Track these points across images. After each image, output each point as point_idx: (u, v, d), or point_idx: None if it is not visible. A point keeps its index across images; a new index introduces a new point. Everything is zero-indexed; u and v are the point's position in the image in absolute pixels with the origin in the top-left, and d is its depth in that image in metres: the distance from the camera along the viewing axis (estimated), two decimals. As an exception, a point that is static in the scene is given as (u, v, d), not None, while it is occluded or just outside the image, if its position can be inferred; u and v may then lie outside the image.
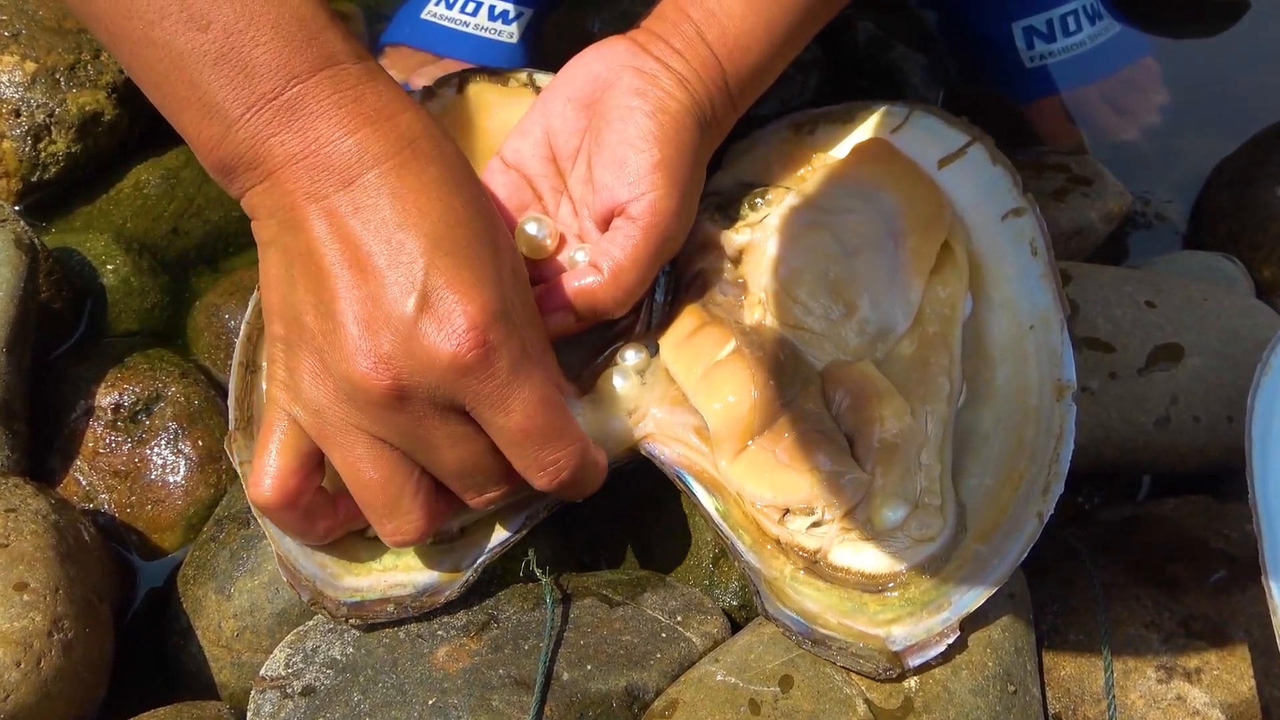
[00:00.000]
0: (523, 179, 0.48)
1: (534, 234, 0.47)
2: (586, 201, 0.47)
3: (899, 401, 0.46)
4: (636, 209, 0.44)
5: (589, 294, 0.44)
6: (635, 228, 0.44)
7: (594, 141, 0.46)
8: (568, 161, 0.48)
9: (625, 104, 0.45)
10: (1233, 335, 0.54)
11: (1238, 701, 0.44)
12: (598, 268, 0.44)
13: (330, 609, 0.43)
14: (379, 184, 0.36)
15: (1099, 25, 0.69)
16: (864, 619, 0.42)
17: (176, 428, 0.54)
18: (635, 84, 0.45)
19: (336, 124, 0.36)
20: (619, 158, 0.44)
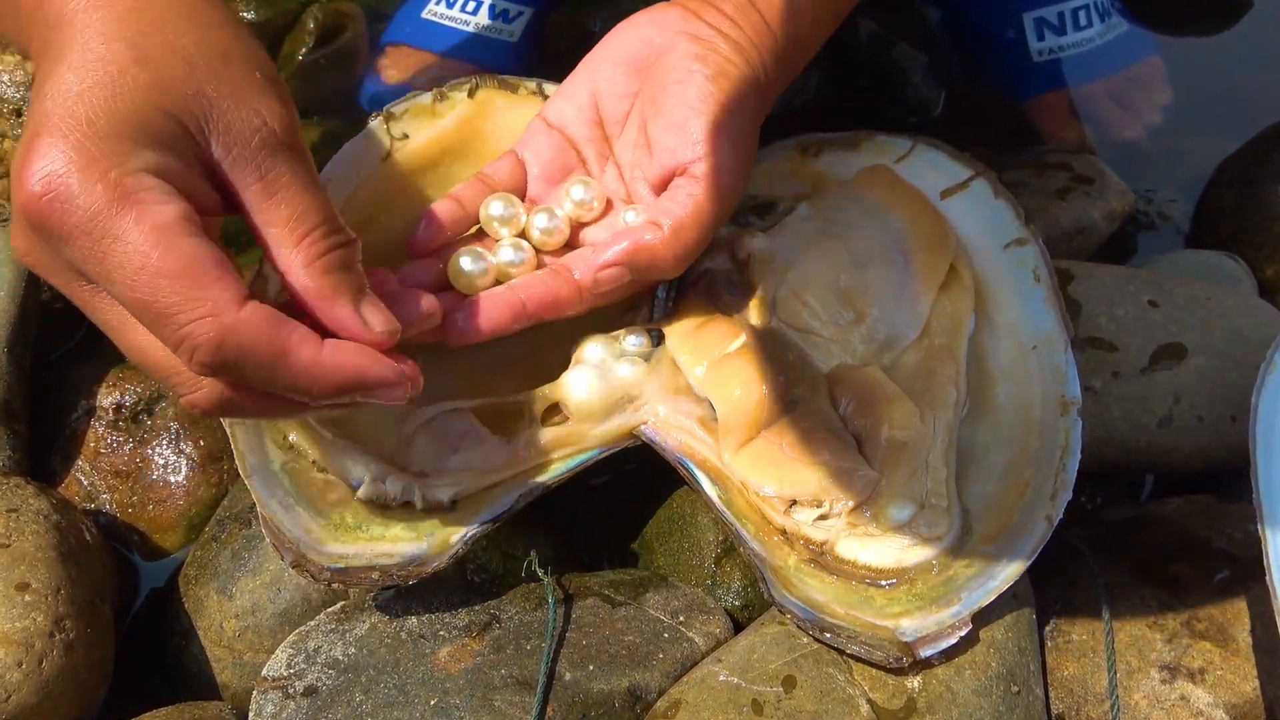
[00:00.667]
0: (566, 141, 0.48)
1: (581, 196, 0.47)
2: (639, 164, 0.47)
3: (908, 405, 0.46)
4: (699, 169, 0.44)
5: (648, 250, 0.44)
6: (698, 186, 0.44)
7: (649, 105, 0.46)
8: (615, 126, 0.48)
9: (684, 67, 0.45)
10: (1236, 334, 0.53)
11: (1241, 702, 0.44)
12: (657, 225, 0.44)
13: (313, 573, 0.43)
14: None
15: (1108, 22, 0.69)
16: (872, 611, 0.43)
17: (178, 428, 0.54)
18: (693, 49, 0.45)
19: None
20: (679, 120, 0.45)
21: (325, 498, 0.45)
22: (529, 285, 0.45)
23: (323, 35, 0.70)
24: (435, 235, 0.46)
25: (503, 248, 0.47)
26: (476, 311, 0.44)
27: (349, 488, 0.45)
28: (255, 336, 0.32)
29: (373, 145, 0.52)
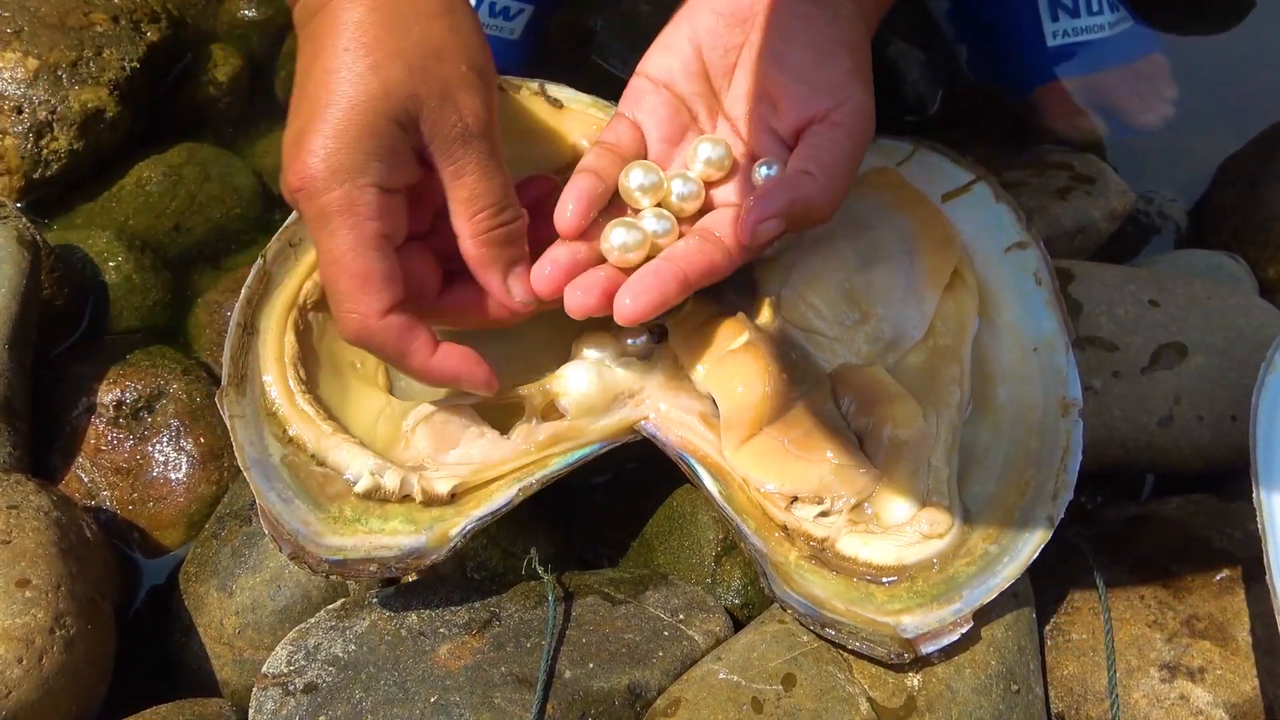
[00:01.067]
0: (676, 98, 0.47)
1: (710, 155, 0.46)
2: (761, 116, 0.46)
3: (911, 404, 0.46)
4: (840, 115, 0.44)
5: (805, 199, 0.43)
6: (842, 132, 0.44)
7: (764, 54, 0.45)
8: (722, 79, 0.47)
9: (800, 12, 0.45)
10: (1237, 334, 0.53)
11: (1241, 701, 0.44)
12: (809, 173, 0.43)
13: (311, 565, 0.43)
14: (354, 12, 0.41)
15: (1118, 14, 0.69)
16: (872, 608, 0.43)
17: (178, 425, 0.54)
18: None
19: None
20: (807, 65, 0.44)
21: (324, 490, 0.45)
22: (687, 254, 0.44)
23: (324, 33, 0.70)
24: (586, 213, 0.45)
25: (645, 217, 0.45)
26: (642, 289, 0.43)
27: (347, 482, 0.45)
28: (384, 339, 0.42)
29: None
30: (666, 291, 0.43)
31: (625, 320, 0.43)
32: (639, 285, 0.43)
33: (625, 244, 0.44)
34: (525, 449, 0.47)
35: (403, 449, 0.47)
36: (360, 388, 0.49)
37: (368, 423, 0.48)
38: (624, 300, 0.43)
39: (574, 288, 0.43)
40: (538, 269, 0.44)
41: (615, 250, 0.44)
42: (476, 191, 0.43)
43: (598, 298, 0.43)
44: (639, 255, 0.44)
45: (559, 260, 0.44)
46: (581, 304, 0.43)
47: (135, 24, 0.65)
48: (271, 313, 0.49)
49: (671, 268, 0.43)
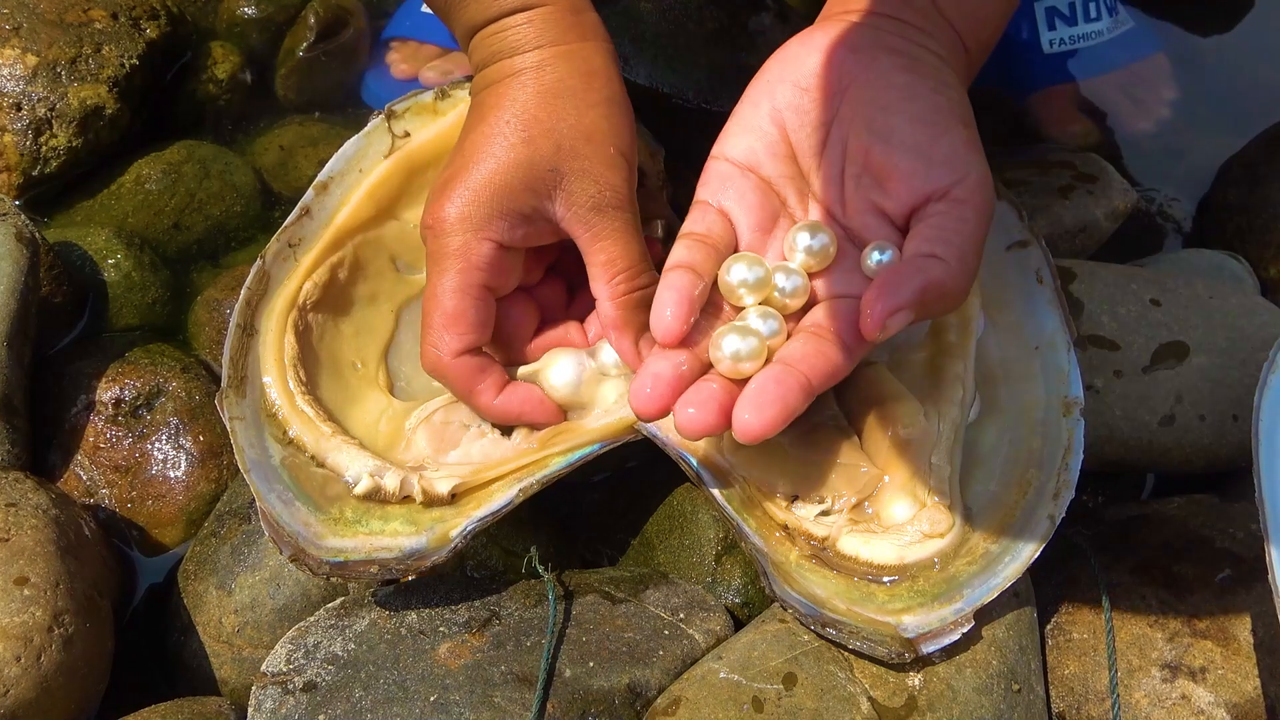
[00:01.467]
0: (763, 183, 0.44)
1: (811, 243, 0.42)
2: (864, 196, 0.42)
3: (913, 403, 0.46)
4: (963, 190, 0.40)
5: (938, 285, 0.39)
6: (968, 209, 0.40)
7: (865, 129, 0.42)
8: (810, 159, 0.44)
9: (900, 83, 0.42)
10: (1239, 333, 0.53)
11: (1243, 701, 0.44)
12: (938, 257, 0.39)
13: (312, 567, 0.43)
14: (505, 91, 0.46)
15: (1117, 18, 0.69)
16: (873, 607, 0.43)
17: (177, 423, 0.54)
18: (898, 62, 0.42)
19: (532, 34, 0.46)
20: (919, 140, 0.41)
21: (324, 492, 0.45)
22: (805, 358, 0.39)
23: (323, 31, 0.70)
24: (687, 317, 0.40)
25: (751, 318, 0.41)
26: (765, 402, 0.38)
27: (346, 483, 0.45)
28: (455, 376, 0.46)
29: (375, 143, 0.52)
30: (791, 403, 0.38)
31: (746, 439, 0.38)
32: (761, 398, 0.38)
33: (739, 353, 0.39)
34: (525, 449, 0.47)
35: (403, 450, 0.47)
36: (361, 389, 0.49)
37: (368, 424, 0.48)
38: (744, 415, 0.38)
39: (685, 404, 0.39)
40: (637, 387, 0.39)
41: (727, 360, 0.39)
42: (613, 256, 0.45)
43: (715, 415, 0.38)
44: (755, 365, 0.39)
45: (662, 376, 0.39)
46: (698, 424, 0.38)
47: (134, 21, 0.65)
48: (271, 314, 0.49)
49: (793, 375, 0.39)
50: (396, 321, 0.51)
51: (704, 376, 0.40)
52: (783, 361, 0.40)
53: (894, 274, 0.40)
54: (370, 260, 0.51)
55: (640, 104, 0.54)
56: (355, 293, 0.51)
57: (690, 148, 0.65)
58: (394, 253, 0.52)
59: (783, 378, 0.39)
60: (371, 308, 0.51)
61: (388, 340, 0.51)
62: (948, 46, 0.44)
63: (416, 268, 0.52)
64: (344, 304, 0.50)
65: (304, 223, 0.50)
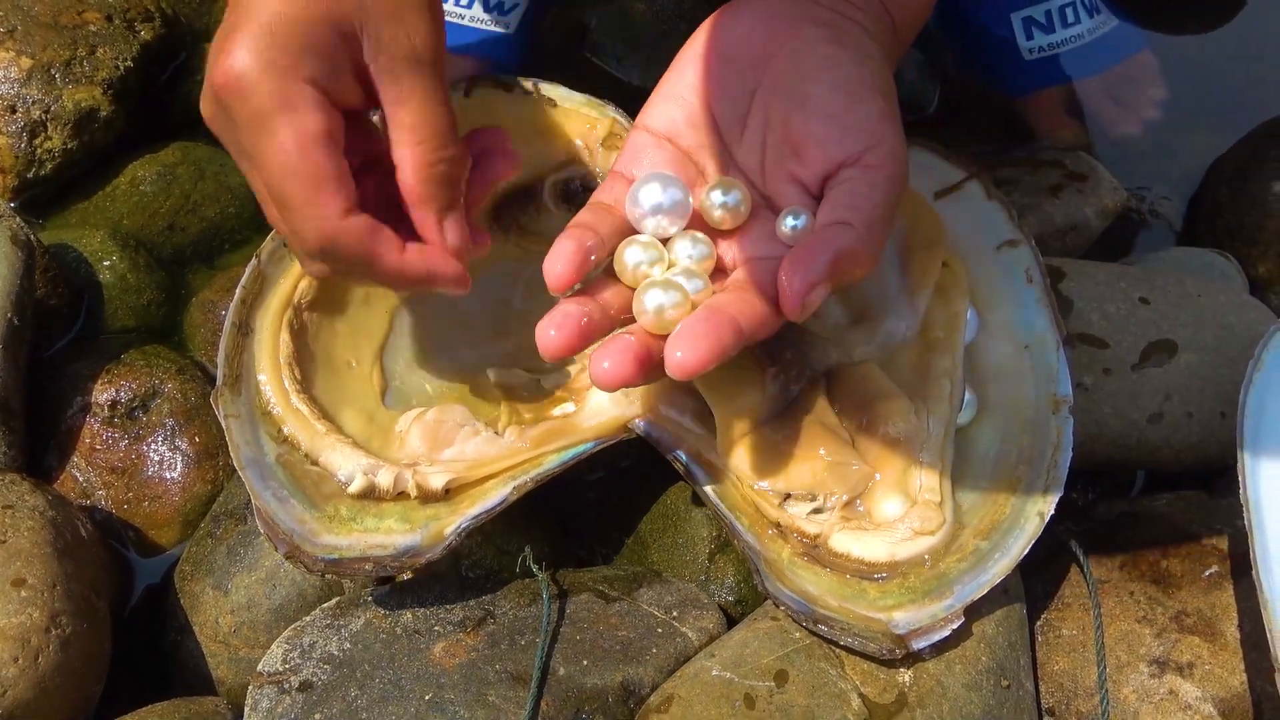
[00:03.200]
0: (680, 153, 0.43)
1: (729, 201, 0.41)
2: (782, 164, 0.42)
3: (903, 402, 0.46)
4: (874, 157, 0.40)
5: (850, 254, 0.38)
6: (880, 175, 0.40)
7: (784, 98, 0.41)
8: (734, 127, 0.42)
9: (822, 53, 0.41)
10: (1227, 331, 0.54)
11: (1229, 696, 0.44)
12: (848, 224, 0.39)
13: (307, 564, 0.43)
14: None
15: (1097, 19, 0.69)
16: (865, 604, 0.43)
17: (173, 424, 0.55)
18: (822, 33, 0.42)
19: None
20: (835, 108, 0.40)
21: (319, 490, 0.45)
22: (733, 303, 0.38)
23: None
24: (580, 265, 0.39)
25: (676, 276, 0.40)
26: (697, 335, 0.37)
27: (340, 483, 0.46)
28: (351, 242, 0.38)
29: (369, 143, 0.52)
30: (724, 339, 0.37)
31: (681, 373, 0.37)
32: (693, 332, 0.37)
33: (661, 306, 0.38)
34: (519, 447, 0.47)
35: (397, 449, 0.48)
36: (355, 387, 0.50)
37: (362, 422, 0.48)
38: (675, 353, 0.37)
39: (600, 358, 0.37)
40: (541, 329, 0.38)
41: (650, 313, 0.38)
42: (422, 119, 0.39)
43: (631, 366, 0.37)
44: (679, 314, 0.38)
45: (569, 315, 0.38)
46: (614, 375, 0.37)
47: (129, 23, 0.65)
48: (266, 312, 0.49)
49: (723, 315, 0.38)
50: (390, 322, 0.51)
51: (620, 330, 0.39)
52: (711, 307, 0.38)
53: (805, 249, 0.39)
54: (365, 261, 0.51)
55: (633, 104, 0.54)
56: (350, 293, 0.51)
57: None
58: (388, 254, 0.52)
59: (712, 317, 0.38)
60: (366, 308, 0.51)
61: (382, 340, 0.51)
62: (875, 20, 0.43)
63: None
64: (339, 303, 0.51)
65: (298, 224, 0.51)
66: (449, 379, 0.51)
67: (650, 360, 0.38)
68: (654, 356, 0.38)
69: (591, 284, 0.40)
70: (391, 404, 0.50)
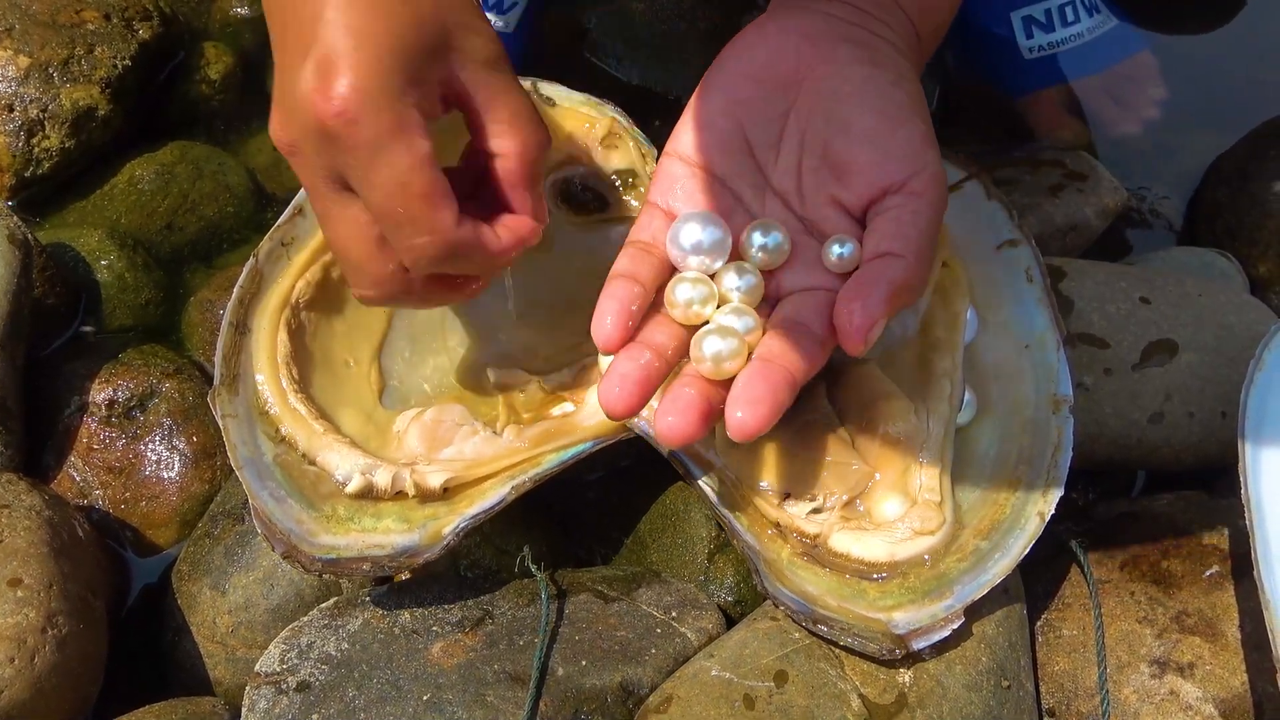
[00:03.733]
0: (714, 179, 0.42)
1: (768, 243, 0.40)
2: (821, 189, 0.41)
3: (903, 402, 0.46)
4: (919, 183, 0.40)
5: (904, 286, 0.39)
6: (923, 202, 0.40)
7: (821, 121, 0.41)
8: (768, 151, 0.42)
9: (859, 74, 0.41)
10: (1227, 331, 0.54)
11: (1230, 696, 0.44)
12: (895, 254, 0.39)
13: (304, 564, 0.43)
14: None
15: (1097, 18, 0.69)
16: (864, 604, 0.43)
17: (171, 424, 0.54)
18: (857, 53, 0.41)
19: None
20: (878, 132, 0.40)
21: (317, 489, 0.45)
22: (785, 353, 0.39)
23: (316, 31, 0.70)
24: (625, 324, 0.39)
25: (726, 316, 0.40)
26: (755, 398, 0.37)
27: (337, 483, 0.45)
28: (469, 243, 0.40)
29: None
30: (780, 397, 0.37)
31: (742, 436, 0.37)
32: (751, 394, 0.37)
33: (720, 354, 0.38)
34: (518, 447, 0.47)
35: (395, 448, 0.47)
36: (353, 386, 0.50)
37: (360, 421, 0.48)
38: (736, 414, 0.37)
39: (666, 412, 0.38)
40: (606, 389, 0.38)
41: (708, 361, 0.38)
42: (514, 111, 0.41)
43: (697, 423, 0.38)
44: (737, 364, 0.38)
45: (629, 375, 0.38)
46: (681, 431, 0.37)
47: (127, 22, 0.65)
48: (264, 312, 0.49)
49: (777, 370, 0.38)
50: (389, 321, 0.51)
51: (679, 380, 0.39)
52: (764, 359, 0.39)
53: (861, 283, 0.39)
54: (363, 260, 0.51)
55: (633, 104, 0.54)
56: (348, 292, 0.51)
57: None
58: (386, 253, 0.52)
59: (768, 373, 0.38)
60: (363, 307, 0.51)
61: (380, 340, 0.51)
62: (903, 36, 0.43)
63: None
64: (337, 303, 0.51)
65: (297, 221, 0.51)
66: (447, 378, 0.51)
67: (713, 412, 0.38)
68: (715, 406, 0.38)
69: (641, 326, 0.40)
70: (389, 404, 0.50)
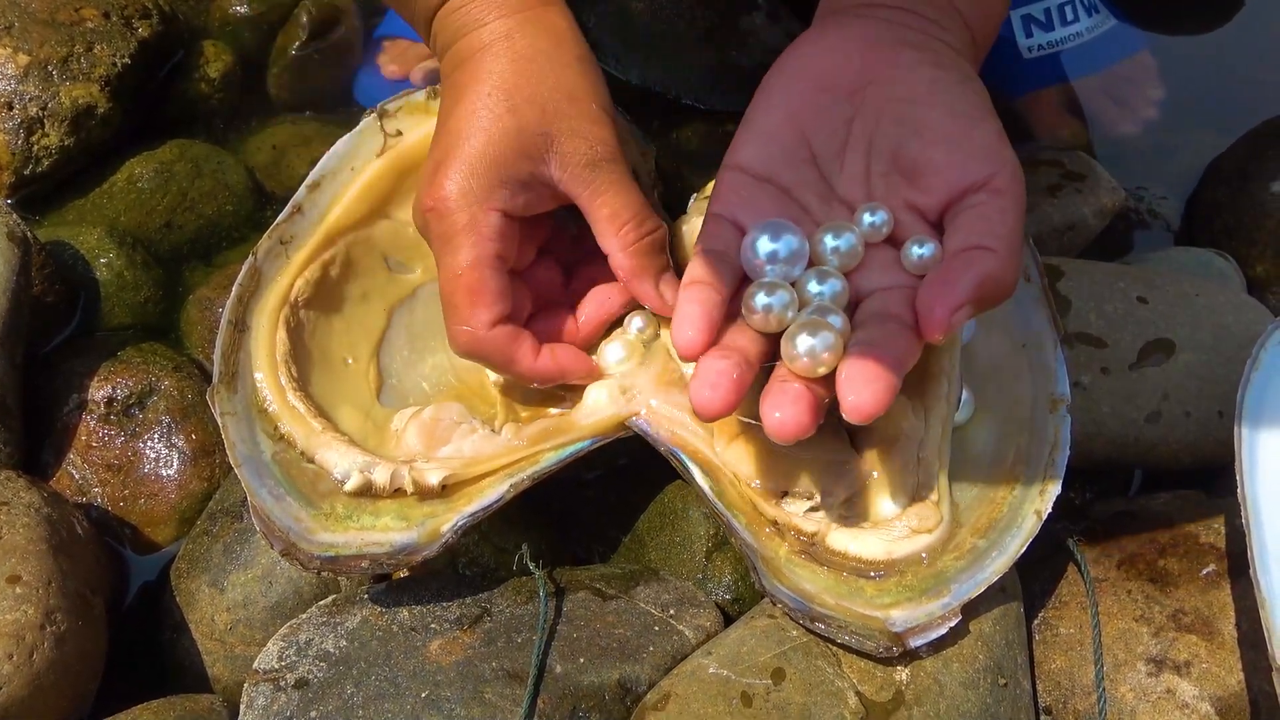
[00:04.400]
0: (779, 191, 0.42)
1: (843, 246, 0.41)
2: (895, 192, 0.41)
3: (901, 400, 0.46)
4: (1001, 180, 0.39)
5: (993, 279, 0.38)
6: (1008, 200, 0.39)
7: (892, 125, 0.41)
8: (832, 161, 0.42)
9: (927, 76, 0.41)
10: (1224, 331, 0.54)
11: (1226, 694, 0.44)
12: (988, 249, 0.39)
13: (303, 561, 0.43)
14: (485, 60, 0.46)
15: (1096, 18, 0.69)
16: (862, 602, 0.43)
17: (170, 421, 0.55)
18: (922, 56, 0.42)
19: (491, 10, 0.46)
20: (954, 133, 0.40)
21: (316, 487, 0.45)
22: (886, 338, 0.38)
23: (316, 29, 0.70)
24: (709, 328, 0.39)
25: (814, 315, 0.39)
26: (871, 376, 0.37)
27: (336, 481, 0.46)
28: (492, 349, 0.45)
29: (367, 141, 0.52)
30: (892, 379, 0.37)
31: (860, 417, 0.36)
32: (864, 373, 0.37)
33: (814, 348, 0.38)
34: (516, 445, 0.47)
35: (394, 446, 0.48)
36: (352, 384, 0.50)
37: (359, 419, 0.48)
38: (848, 397, 0.36)
39: (772, 409, 0.38)
40: (697, 389, 0.38)
41: (804, 358, 0.38)
42: (617, 207, 0.45)
43: (807, 416, 0.38)
44: (834, 359, 0.38)
45: (724, 373, 0.38)
46: (792, 426, 0.37)
47: (126, 20, 0.65)
48: (263, 310, 0.49)
49: (881, 352, 0.37)
50: (388, 320, 0.51)
51: (778, 377, 0.39)
52: (866, 343, 0.38)
53: (947, 271, 0.39)
54: (362, 258, 0.51)
55: (631, 103, 0.54)
56: (347, 290, 0.51)
57: (681, 147, 0.65)
58: (385, 251, 0.52)
59: (877, 354, 0.37)
60: (363, 305, 0.51)
61: (379, 338, 0.51)
62: (961, 39, 0.43)
63: (408, 266, 0.52)
64: (336, 301, 0.51)
65: (296, 220, 0.51)
66: (446, 376, 0.51)
67: (819, 404, 0.38)
68: (820, 400, 0.39)
69: (722, 334, 0.40)
70: (388, 402, 0.50)
